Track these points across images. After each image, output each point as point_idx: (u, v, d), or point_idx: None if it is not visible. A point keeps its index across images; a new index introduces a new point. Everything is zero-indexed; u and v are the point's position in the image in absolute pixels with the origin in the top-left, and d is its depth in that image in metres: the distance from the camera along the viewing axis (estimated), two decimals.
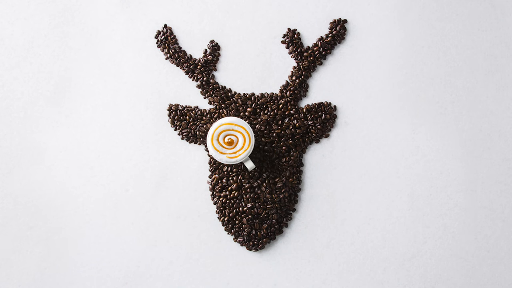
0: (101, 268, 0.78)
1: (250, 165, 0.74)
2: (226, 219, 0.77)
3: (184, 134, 0.78)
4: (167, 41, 0.78)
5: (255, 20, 0.79)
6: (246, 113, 0.77)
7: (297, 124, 0.77)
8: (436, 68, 0.79)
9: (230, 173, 0.77)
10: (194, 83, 0.79)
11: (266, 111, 0.77)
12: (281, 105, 0.77)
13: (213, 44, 0.78)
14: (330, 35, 0.78)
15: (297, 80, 0.78)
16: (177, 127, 0.78)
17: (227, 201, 0.77)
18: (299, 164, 0.78)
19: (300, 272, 0.78)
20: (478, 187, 0.79)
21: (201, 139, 0.78)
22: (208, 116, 0.78)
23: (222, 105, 0.77)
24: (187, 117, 0.78)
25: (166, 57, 0.78)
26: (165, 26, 0.79)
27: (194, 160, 0.78)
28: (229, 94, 0.78)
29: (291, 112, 0.77)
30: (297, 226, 0.79)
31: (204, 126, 0.77)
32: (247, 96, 0.78)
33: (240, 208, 0.77)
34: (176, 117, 0.78)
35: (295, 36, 0.78)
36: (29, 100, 0.78)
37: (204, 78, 0.78)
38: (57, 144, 0.78)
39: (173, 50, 0.78)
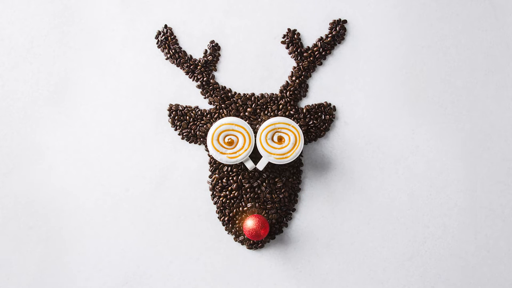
0: (101, 268, 0.78)
1: (250, 165, 0.74)
2: (226, 219, 0.77)
3: (184, 134, 0.78)
4: (168, 41, 0.78)
5: (255, 20, 0.79)
6: (246, 113, 0.77)
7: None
8: (436, 68, 0.79)
9: (230, 173, 0.77)
10: (194, 83, 0.79)
11: (266, 111, 0.77)
12: (281, 106, 0.77)
13: (213, 44, 0.78)
14: (330, 35, 0.78)
15: (297, 81, 0.78)
16: (177, 127, 0.78)
17: (227, 201, 0.77)
18: (299, 164, 0.78)
19: (300, 272, 0.78)
20: (478, 187, 0.79)
21: (201, 139, 0.78)
22: (208, 116, 0.78)
23: (222, 105, 0.77)
24: (187, 117, 0.78)
25: (166, 58, 0.78)
26: (165, 26, 0.79)
27: (194, 160, 0.78)
28: (229, 94, 0.78)
29: (291, 112, 0.77)
30: (297, 226, 0.79)
31: (204, 126, 0.77)
32: (247, 96, 0.78)
33: (240, 208, 0.77)
34: (176, 117, 0.78)
35: (295, 36, 0.78)
36: (29, 100, 0.78)
37: (204, 78, 0.78)
38: (57, 144, 0.78)
39: (173, 51, 0.78)
